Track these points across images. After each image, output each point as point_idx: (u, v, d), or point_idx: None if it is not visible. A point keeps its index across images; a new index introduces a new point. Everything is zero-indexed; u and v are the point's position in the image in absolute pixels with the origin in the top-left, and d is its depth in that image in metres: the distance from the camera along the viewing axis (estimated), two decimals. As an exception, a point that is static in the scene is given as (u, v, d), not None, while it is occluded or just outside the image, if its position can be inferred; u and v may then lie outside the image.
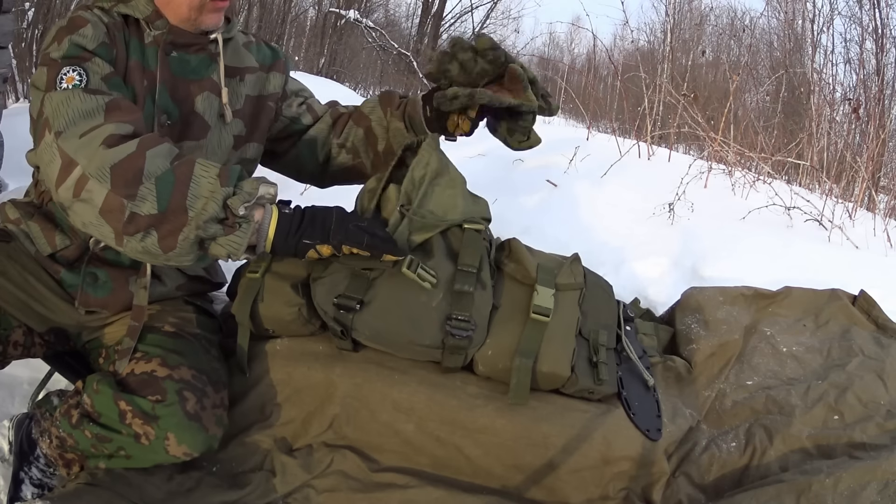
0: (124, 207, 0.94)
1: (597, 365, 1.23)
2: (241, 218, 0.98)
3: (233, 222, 0.98)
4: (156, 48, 1.15)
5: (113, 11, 1.13)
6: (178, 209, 0.95)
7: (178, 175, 0.96)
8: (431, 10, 10.79)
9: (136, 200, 0.94)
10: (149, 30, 1.14)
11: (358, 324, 1.15)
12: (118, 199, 0.94)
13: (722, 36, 9.36)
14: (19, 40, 3.86)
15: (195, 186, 0.96)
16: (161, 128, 1.14)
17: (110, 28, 1.10)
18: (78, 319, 1.22)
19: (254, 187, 0.99)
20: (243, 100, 1.27)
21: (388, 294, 1.15)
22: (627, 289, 1.84)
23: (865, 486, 1.10)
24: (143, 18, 1.14)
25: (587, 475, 1.16)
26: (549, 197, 2.41)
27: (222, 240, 0.98)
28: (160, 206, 0.95)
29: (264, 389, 1.21)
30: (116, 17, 1.13)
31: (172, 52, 1.16)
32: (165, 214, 0.95)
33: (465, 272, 1.19)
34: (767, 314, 1.49)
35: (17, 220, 1.20)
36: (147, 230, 0.96)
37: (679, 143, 3.90)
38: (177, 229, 0.95)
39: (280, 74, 1.33)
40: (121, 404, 1.05)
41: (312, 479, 1.16)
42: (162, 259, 0.99)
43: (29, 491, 1.17)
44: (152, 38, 1.14)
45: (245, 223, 0.98)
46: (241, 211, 0.97)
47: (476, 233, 1.25)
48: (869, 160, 3.36)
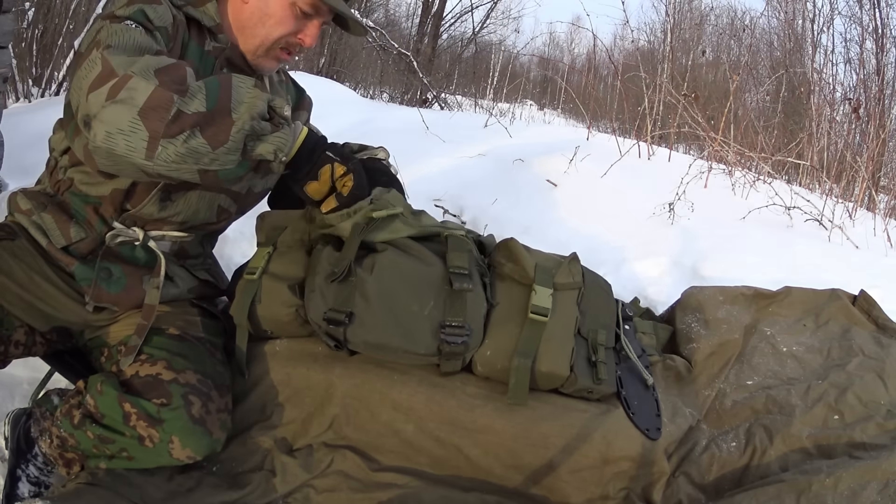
0: (171, 104, 0.91)
1: (596, 364, 1.22)
2: (284, 119, 1.02)
3: (278, 121, 1.01)
4: (213, 59, 1.16)
5: (182, 11, 1.13)
6: (224, 110, 0.94)
7: (221, 81, 0.96)
8: (431, 10, 10.78)
9: (186, 97, 0.92)
10: (210, 39, 1.16)
11: (350, 336, 1.15)
12: (167, 93, 0.91)
13: (722, 36, 9.37)
14: (19, 40, 3.85)
15: (237, 92, 0.96)
16: None
17: (176, 22, 1.11)
18: (84, 317, 1.22)
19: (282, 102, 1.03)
20: None
21: (377, 302, 1.14)
22: (627, 288, 1.84)
23: (865, 486, 1.10)
24: (209, 27, 1.15)
25: (587, 475, 1.16)
26: (549, 197, 2.41)
27: (271, 138, 0.99)
28: (209, 104, 0.93)
29: (264, 390, 1.21)
30: (182, 16, 1.13)
31: (224, 68, 1.18)
32: (213, 114, 0.93)
33: (456, 274, 1.19)
34: (767, 314, 1.49)
35: (28, 211, 1.19)
36: (192, 129, 0.92)
37: (679, 143, 3.91)
38: (224, 129, 0.94)
39: (305, 112, 1.39)
40: (125, 406, 1.05)
41: (312, 479, 1.16)
42: (206, 159, 0.95)
43: (26, 488, 1.17)
44: (211, 47, 1.16)
45: (287, 124, 1.02)
46: (286, 111, 1.02)
47: (459, 237, 1.25)
48: (869, 160, 3.36)
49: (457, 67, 10.94)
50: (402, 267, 1.18)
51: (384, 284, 1.15)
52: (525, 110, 8.56)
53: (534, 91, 14.92)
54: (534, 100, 13.14)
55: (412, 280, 1.17)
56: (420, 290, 1.16)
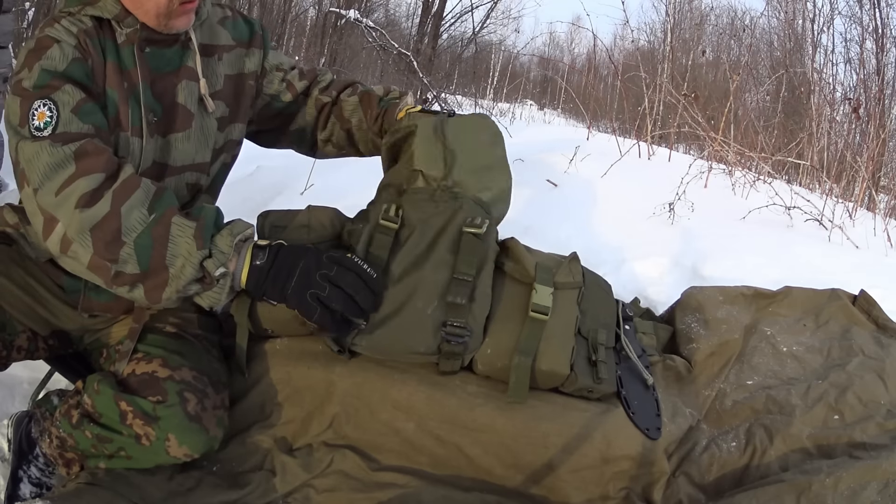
0: (109, 269, 1.00)
1: (596, 364, 1.22)
2: (216, 277, 1.02)
3: (210, 280, 1.03)
4: (130, 47, 1.12)
5: (82, 16, 1.09)
6: (159, 267, 1.01)
7: (155, 237, 1.00)
8: (431, 10, 10.79)
9: (119, 263, 1.00)
10: (120, 29, 1.11)
11: (357, 338, 1.14)
12: (102, 262, 1.00)
13: (722, 36, 9.37)
14: (19, 40, 3.86)
15: (173, 247, 1.00)
16: (149, 125, 1.13)
17: (81, 37, 1.07)
18: (81, 323, 1.22)
19: (228, 244, 1.02)
20: (223, 80, 1.24)
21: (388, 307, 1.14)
22: (627, 288, 1.84)
23: (865, 486, 1.10)
24: (112, 18, 1.10)
25: (587, 474, 1.16)
26: (549, 197, 2.40)
27: (203, 295, 1.04)
28: (142, 266, 1.00)
29: (264, 389, 1.21)
30: (87, 22, 1.09)
31: (146, 48, 1.13)
32: (148, 273, 1.01)
33: (460, 281, 1.18)
34: (767, 314, 1.49)
35: (16, 225, 1.19)
36: (133, 284, 1.02)
37: (679, 143, 3.91)
38: (160, 285, 1.01)
39: (258, 50, 1.30)
40: (122, 405, 1.05)
41: (312, 478, 1.16)
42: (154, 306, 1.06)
43: (27, 490, 1.17)
44: (125, 36, 1.11)
45: (222, 279, 1.03)
46: (216, 273, 1.02)
47: (474, 237, 1.22)
48: (869, 160, 3.36)
49: (457, 67, 10.95)
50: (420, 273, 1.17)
51: (404, 288, 1.15)
52: (525, 110, 8.56)
53: (534, 91, 14.92)
54: (534, 100, 13.13)
55: (424, 282, 1.17)
56: (428, 291, 1.16)
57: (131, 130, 1.11)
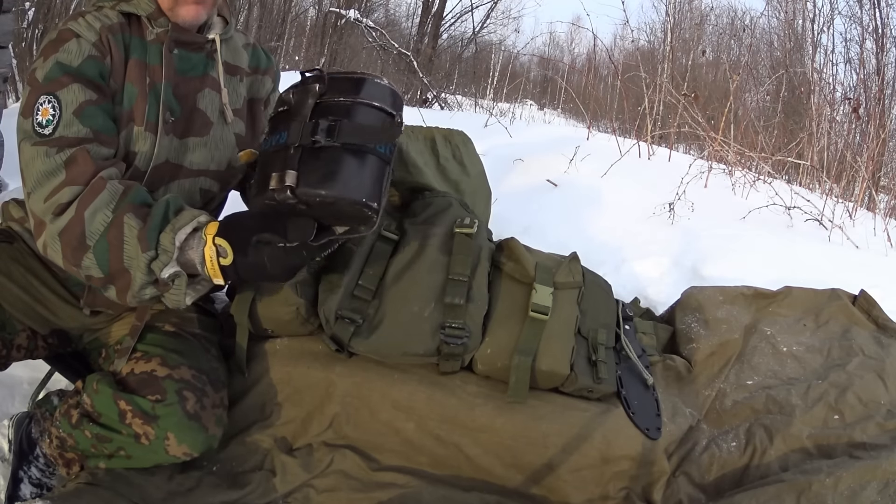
0: (79, 272, 1.03)
1: (596, 363, 1.22)
2: (166, 279, 1.01)
3: (164, 282, 1.02)
4: (159, 45, 1.14)
5: (111, 11, 1.12)
6: (121, 270, 1.01)
7: (111, 240, 1.01)
8: (431, 10, 10.78)
9: (83, 270, 1.02)
10: (151, 27, 1.14)
11: (353, 341, 1.16)
12: (71, 266, 1.03)
13: (722, 36, 9.36)
14: (19, 40, 3.86)
15: (127, 248, 1.01)
16: (165, 124, 1.14)
17: (103, 33, 1.09)
18: (82, 321, 1.22)
19: (171, 242, 1.00)
20: (243, 101, 1.27)
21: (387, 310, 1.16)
22: (627, 288, 1.84)
23: (865, 486, 1.10)
24: (146, 16, 1.13)
25: (587, 474, 1.16)
26: (549, 197, 2.40)
27: (165, 297, 1.04)
28: (104, 271, 1.02)
29: (264, 389, 1.21)
30: (116, 18, 1.12)
31: (174, 49, 1.16)
32: (112, 276, 1.02)
33: (455, 281, 1.18)
34: (767, 314, 1.49)
35: (21, 219, 1.20)
36: (104, 286, 1.04)
37: (679, 143, 3.91)
38: (125, 287, 1.02)
39: (270, 80, 1.34)
40: (120, 404, 1.05)
41: (312, 478, 1.16)
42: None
43: (28, 490, 1.17)
44: (155, 35, 1.14)
45: (177, 278, 1.01)
46: (164, 275, 1.01)
47: (466, 237, 1.24)
48: (869, 160, 3.36)
49: (457, 67, 10.94)
50: (413, 274, 1.18)
51: (398, 291, 1.16)
52: (525, 110, 8.55)
53: (534, 91, 14.91)
54: (534, 100, 13.11)
55: (418, 284, 1.17)
56: (423, 294, 1.17)
57: (146, 125, 1.12)
